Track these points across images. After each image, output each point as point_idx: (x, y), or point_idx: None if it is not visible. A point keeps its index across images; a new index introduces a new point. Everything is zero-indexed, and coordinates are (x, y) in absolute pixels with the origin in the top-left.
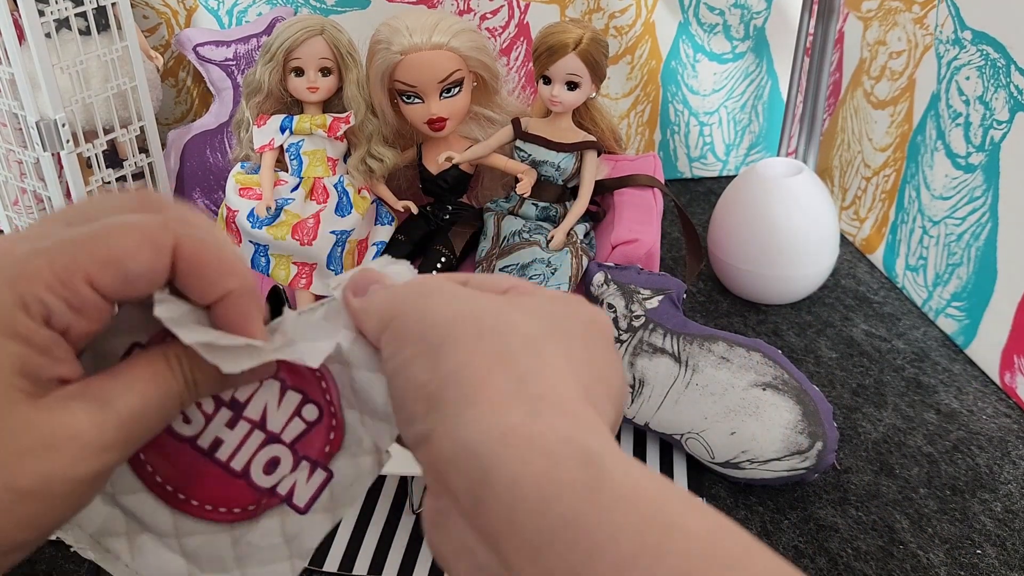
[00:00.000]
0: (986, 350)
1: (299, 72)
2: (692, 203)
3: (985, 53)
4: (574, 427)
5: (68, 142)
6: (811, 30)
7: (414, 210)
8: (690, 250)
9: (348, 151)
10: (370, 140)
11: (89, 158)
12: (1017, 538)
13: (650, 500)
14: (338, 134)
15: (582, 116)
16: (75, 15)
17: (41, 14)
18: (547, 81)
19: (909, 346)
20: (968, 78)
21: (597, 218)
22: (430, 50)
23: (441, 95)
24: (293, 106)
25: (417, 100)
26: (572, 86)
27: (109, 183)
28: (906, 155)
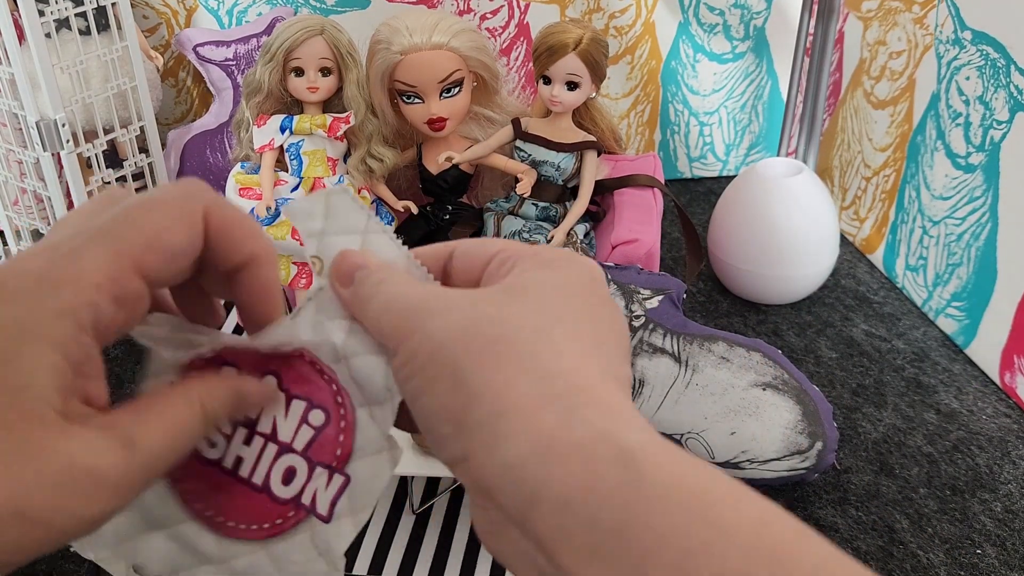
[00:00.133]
0: (986, 350)
1: (299, 72)
2: (692, 203)
3: (985, 53)
4: (607, 419)
5: (68, 142)
6: (811, 30)
7: (414, 210)
8: (690, 250)
9: (348, 151)
10: (370, 140)
11: (89, 158)
12: (1017, 538)
13: (694, 495)
14: (338, 134)
15: (582, 116)
16: (75, 15)
17: (41, 14)
18: (547, 81)
19: (909, 346)
20: (968, 78)
21: (597, 218)
22: (430, 50)
23: (441, 95)
24: (293, 106)
25: (417, 100)
26: (572, 86)
27: (109, 183)
28: (906, 155)
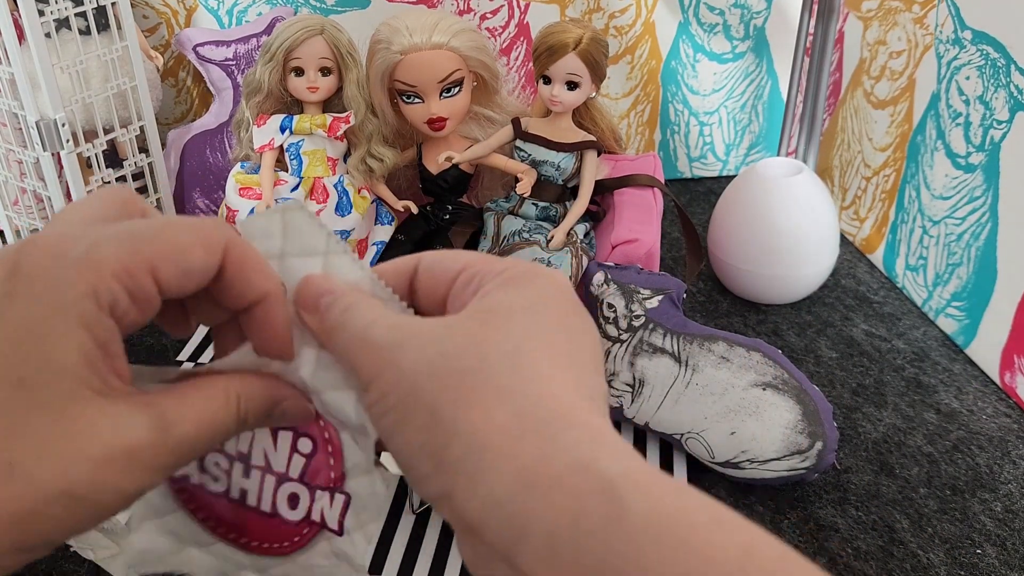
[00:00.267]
0: (986, 350)
1: (299, 72)
2: (692, 203)
3: (985, 53)
4: (587, 446)
5: (68, 142)
6: (811, 30)
7: (414, 210)
8: (690, 250)
9: (348, 151)
10: (370, 140)
11: (89, 158)
12: (1017, 538)
13: (677, 523)
14: (338, 134)
15: (582, 116)
16: (75, 15)
17: (41, 14)
18: (547, 81)
19: (909, 346)
20: (968, 78)
21: (597, 218)
22: (430, 50)
23: (441, 95)
24: (293, 106)
25: (417, 100)
26: (572, 86)
27: (109, 183)
28: (906, 155)
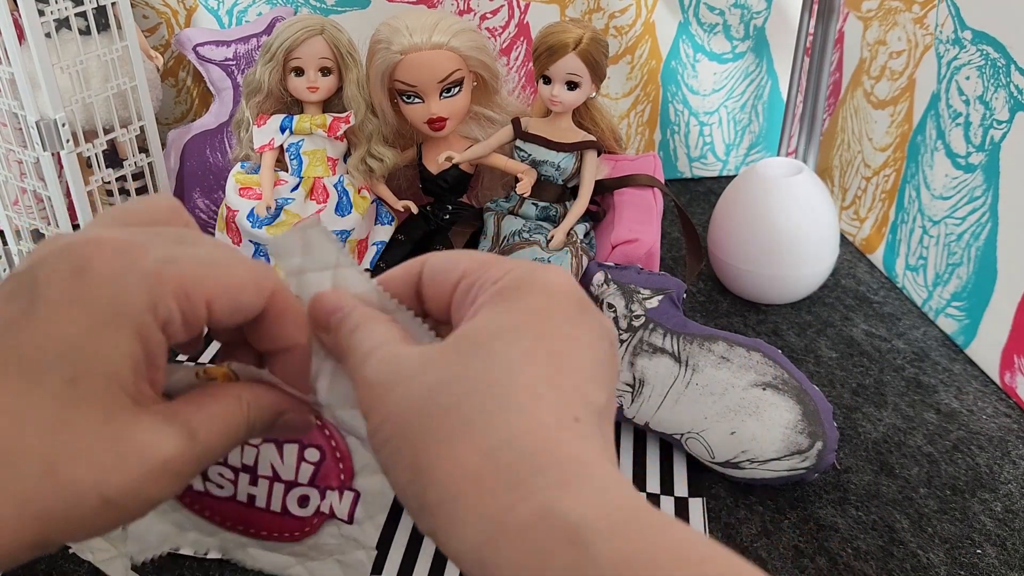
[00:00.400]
0: (986, 350)
1: (299, 72)
2: (692, 203)
3: (985, 53)
4: (553, 490)
5: (68, 142)
6: (811, 30)
7: (414, 210)
8: (690, 250)
9: (348, 151)
10: (370, 140)
11: (89, 158)
12: (1017, 538)
13: (639, 568)
14: (338, 134)
15: (582, 116)
16: (75, 15)
17: (41, 14)
18: (547, 81)
19: (909, 346)
20: (968, 78)
21: (597, 218)
22: (430, 50)
23: (441, 95)
24: (293, 106)
25: (417, 100)
26: (572, 86)
27: (109, 183)
28: (906, 155)
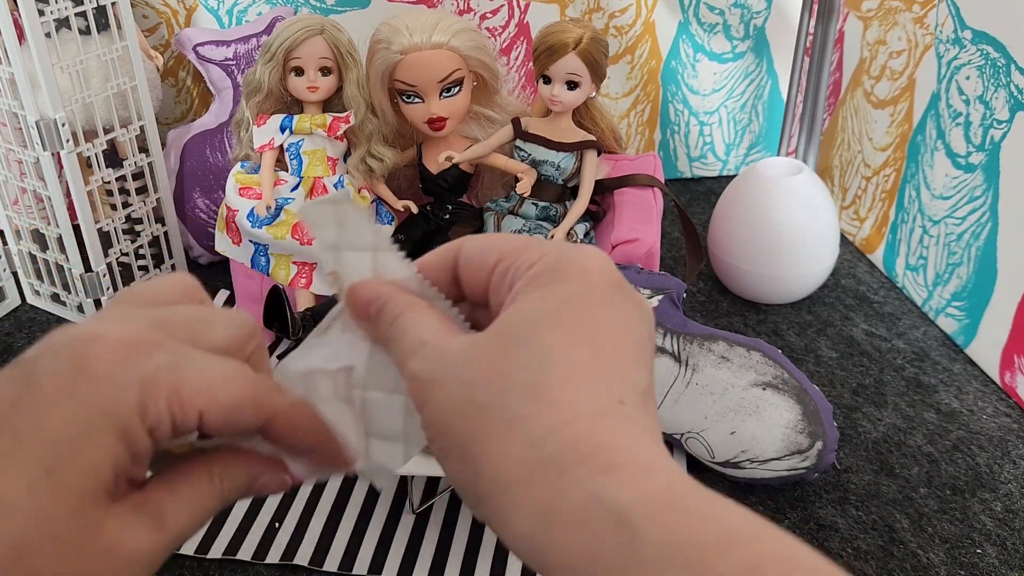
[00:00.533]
0: (986, 350)
1: (299, 72)
2: (692, 203)
3: (985, 53)
4: (598, 476)
5: (68, 142)
6: (811, 30)
7: (414, 210)
8: (690, 250)
9: (348, 151)
10: (370, 140)
11: (89, 158)
12: (1017, 538)
13: (688, 546)
14: (338, 134)
15: (582, 116)
16: (75, 15)
17: (41, 14)
18: (547, 81)
19: (909, 346)
20: (968, 78)
21: (597, 218)
22: (430, 50)
23: (441, 95)
24: (293, 106)
25: (417, 100)
26: (572, 86)
27: (109, 183)
28: (906, 155)
